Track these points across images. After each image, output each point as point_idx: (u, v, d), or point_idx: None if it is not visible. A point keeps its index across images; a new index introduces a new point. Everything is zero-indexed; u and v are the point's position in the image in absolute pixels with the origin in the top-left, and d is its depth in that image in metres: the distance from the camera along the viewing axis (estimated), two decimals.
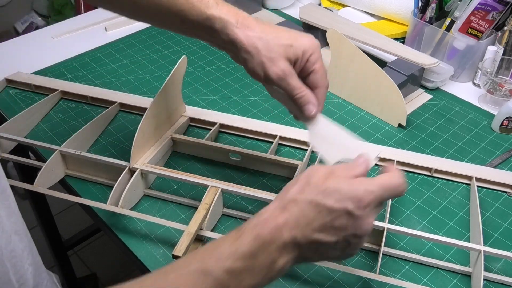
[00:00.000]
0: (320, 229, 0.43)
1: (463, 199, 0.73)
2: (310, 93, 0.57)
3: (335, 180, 0.44)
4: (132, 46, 1.07)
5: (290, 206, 0.43)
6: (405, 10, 1.07)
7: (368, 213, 0.44)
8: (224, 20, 0.55)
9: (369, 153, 0.52)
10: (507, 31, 0.90)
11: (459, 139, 0.83)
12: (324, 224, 0.43)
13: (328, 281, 0.62)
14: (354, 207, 0.43)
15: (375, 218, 0.46)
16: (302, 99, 0.56)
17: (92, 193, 0.73)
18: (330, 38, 0.88)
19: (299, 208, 0.43)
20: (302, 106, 0.57)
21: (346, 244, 0.45)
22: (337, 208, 0.43)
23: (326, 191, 0.43)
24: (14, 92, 0.93)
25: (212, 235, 0.63)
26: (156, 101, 0.71)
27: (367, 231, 0.45)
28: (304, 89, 0.56)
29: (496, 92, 0.89)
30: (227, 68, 1.00)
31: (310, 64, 0.56)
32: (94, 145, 0.81)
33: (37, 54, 1.05)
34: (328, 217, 0.43)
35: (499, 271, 0.63)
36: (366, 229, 0.44)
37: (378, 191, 0.45)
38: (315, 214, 0.43)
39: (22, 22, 2.28)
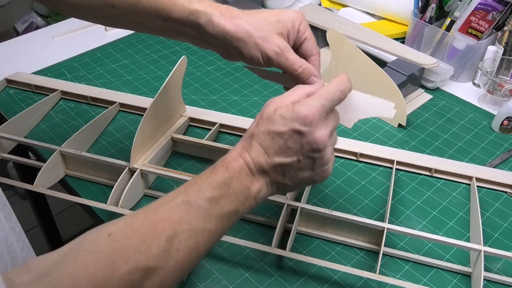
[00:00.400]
0: (278, 152, 0.48)
1: (463, 199, 0.73)
2: (308, 64, 0.56)
3: (282, 109, 0.48)
4: (132, 46, 1.07)
5: (251, 140, 0.49)
6: (405, 10, 1.07)
7: (316, 125, 0.47)
8: (209, 13, 0.55)
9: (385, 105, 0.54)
10: (507, 31, 0.90)
11: (459, 139, 0.83)
12: (280, 147, 0.48)
13: (328, 281, 0.62)
14: (300, 125, 0.47)
15: (332, 129, 0.49)
16: (304, 73, 0.56)
17: (92, 193, 0.73)
18: (330, 38, 0.88)
19: (257, 139, 0.48)
20: (305, 79, 0.56)
21: (310, 161, 0.49)
22: (285, 131, 0.47)
23: (275, 120, 0.48)
24: (14, 92, 0.93)
25: None
26: (156, 101, 0.71)
27: (324, 142, 0.48)
28: (303, 62, 0.56)
29: (496, 92, 0.89)
30: (227, 68, 1.00)
31: (301, 33, 0.56)
32: (94, 145, 0.81)
33: (37, 54, 1.05)
34: (281, 140, 0.47)
35: (499, 271, 0.63)
36: (322, 141, 0.48)
37: (318, 103, 0.48)
38: (270, 141, 0.48)
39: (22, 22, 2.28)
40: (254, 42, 0.55)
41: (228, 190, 0.47)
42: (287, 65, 0.55)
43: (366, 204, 0.72)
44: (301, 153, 0.48)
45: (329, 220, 0.65)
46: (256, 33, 0.54)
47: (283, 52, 0.55)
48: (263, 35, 0.54)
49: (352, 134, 0.84)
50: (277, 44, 0.54)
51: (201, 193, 0.45)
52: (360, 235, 0.65)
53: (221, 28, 0.55)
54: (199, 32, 0.56)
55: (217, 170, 0.48)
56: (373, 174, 0.76)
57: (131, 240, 0.41)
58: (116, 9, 0.57)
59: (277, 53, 0.55)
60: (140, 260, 0.40)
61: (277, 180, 0.49)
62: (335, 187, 0.74)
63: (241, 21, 0.55)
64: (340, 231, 0.66)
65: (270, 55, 0.55)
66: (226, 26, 0.54)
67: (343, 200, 0.72)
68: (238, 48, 0.56)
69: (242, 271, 0.63)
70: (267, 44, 0.54)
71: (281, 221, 0.63)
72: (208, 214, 0.45)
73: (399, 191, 0.74)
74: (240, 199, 0.47)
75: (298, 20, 0.56)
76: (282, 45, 0.55)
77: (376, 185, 0.75)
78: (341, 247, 0.66)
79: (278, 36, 0.55)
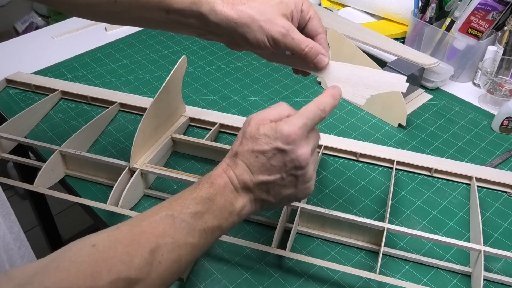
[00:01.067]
0: (261, 170, 0.49)
1: (463, 199, 0.73)
2: (315, 43, 0.56)
3: (265, 127, 0.49)
4: (132, 46, 1.07)
5: (235, 158, 0.50)
6: (405, 10, 1.07)
7: (299, 144, 0.49)
8: (210, 1, 0.54)
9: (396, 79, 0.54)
10: (507, 31, 0.90)
11: (459, 139, 0.83)
12: (263, 165, 0.49)
13: (328, 281, 0.62)
14: (283, 143, 0.48)
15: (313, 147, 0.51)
16: (311, 52, 0.55)
17: (92, 193, 0.73)
18: (330, 38, 0.88)
19: (242, 158, 0.50)
20: (313, 59, 0.56)
21: (293, 178, 0.50)
22: (268, 149, 0.49)
23: (258, 139, 0.49)
24: (14, 92, 0.93)
25: None
26: (156, 101, 0.71)
27: (306, 160, 0.50)
28: (310, 41, 0.55)
29: (496, 92, 0.89)
30: (227, 68, 1.00)
31: (305, 13, 0.56)
32: (94, 145, 0.81)
33: (37, 54, 1.05)
34: (264, 158, 0.49)
35: (499, 271, 0.63)
36: (304, 158, 0.49)
37: (300, 121, 0.49)
38: (254, 159, 0.49)
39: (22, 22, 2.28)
40: (258, 25, 0.54)
41: (212, 205, 0.48)
42: (294, 45, 0.54)
43: (366, 204, 0.72)
44: (284, 170, 0.49)
45: (329, 220, 0.65)
46: (260, 16, 0.54)
47: (289, 32, 0.54)
48: (267, 18, 0.54)
49: (352, 134, 0.84)
50: (282, 25, 0.54)
51: (185, 208, 0.46)
52: (360, 235, 0.65)
53: (224, 16, 0.54)
54: (203, 22, 0.56)
55: (202, 186, 0.49)
56: (373, 174, 0.76)
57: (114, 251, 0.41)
58: (119, 4, 0.57)
59: (283, 34, 0.54)
60: (123, 271, 0.40)
61: (261, 197, 0.51)
62: (335, 187, 0.74)
63: (243, 6, 0.54)
64: (340, 231, 0.66)
65: (276, 36, 0.54)
66: (229, 13, 0.54)
67: (343, 200, 0.72)
68: (243, 34, 0.55)
69: (242, 271, 0.63)
70: (272, 26, 0.54)
71: (281, 221, 0.63)
72: (192, 228, 0.46)
73: (399, 191, 0.74)
74: (224, 215, 0.48)
75: (301, 0, 0.55)
76: (286, 25, 0.54)
77: (376, 185, 0.75)
78: (341, 247, 0.66)
79: (282, 17, 0.54)
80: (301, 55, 0.55)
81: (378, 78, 0.56)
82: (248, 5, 0.54)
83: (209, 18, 0.55)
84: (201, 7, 0.54)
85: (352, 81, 0.57)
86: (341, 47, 0.87)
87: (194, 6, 0.55)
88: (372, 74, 0.56)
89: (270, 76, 0.97)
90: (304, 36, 0.55)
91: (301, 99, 0.92)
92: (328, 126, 0.85)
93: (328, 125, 0.85)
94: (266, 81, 0.96)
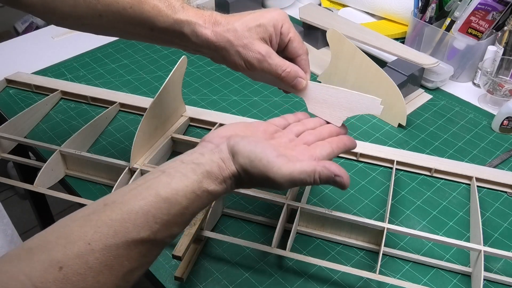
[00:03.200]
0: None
1: (463, 199, 0.73)
2: (293, 66, 0.57)
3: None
4: (132, 46, 1.07)
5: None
6: (405, 10, 1.07)
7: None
8: (192, 22, 0.55)
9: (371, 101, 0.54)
10: (507, 31, 0.90)
11: (459, 139, 0.83)
12: None
13: (328, 281, 0.62)
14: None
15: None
16: (289, 76, 0.56)
17: (92, 193, 0.73)
18: (330, 38, 0.88)
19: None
20: (290, 82, 0.57)
21: None
22: None
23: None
24: (14, 92, 0.93)
25: (212, 235, 0.63)
26: (156, 101, 0.71)
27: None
28: (287, 65, 0.56)
29: (496, 92, 0.89)
30: (227, 68, 0.99)
31: (284, 35, 0.56)
32: (94, 145, 0.81)
33: (37, 54, 1.05)
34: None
35: (499, 271, 0.63)
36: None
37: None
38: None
39: (22, 22, 2.28)
40: (235, 50, 0.55)
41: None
42: (270, 70, 0.56)
43: (366, 204, 0.72)
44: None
45: (329, 220, 0.65)
46: (237, 41, 0.54)
47: (265, 58, 0.55)
48: (244, 43, 0.54)
49: (352, 134, 0.84)
50: (258, 51, 0.55)
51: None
52: (360, 235, 0.65)
53: (204, 38, 0.55)
54: (185, 41, 0.57)
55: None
56: (373, 174, 0.76)
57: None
58: (104, 18, 0.57)
59: (259, 60, 0.55)
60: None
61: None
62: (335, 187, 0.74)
63: (222, 29, 0.55)
64: (340, 231, 0.66)
65: (252, 62, 0.55)
66: (208, 36, 0.55)
67: (343, 200, 0.72)
68: (222, 56, 0.56)
69: (242, 271, 0.63)
70: (249, 52, 0.55)
71: (281, 221, 0.63)
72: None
73: (399, 191, 0.74)
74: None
75: (280, 22, 0.56)
76: (264, 51, 0.55)
77: (376, 185, 0.75)
78: (341, 247, 0.66)
79: (259, 42, 0.55)
80: (279, 79, 0.56)
81: (354, 100, 0.56)
82: (227, 28, 0.55)
83: (191, 39, 0.56)
84: (183, 27, 0.55)
85: (328, 102, 0.57)
86: (341, 47, 0.87)
87: (176, 26, 0.55)
88: (347, 95, 0.56)
89: None
90: (282, 59, 0.56)
91: (301, 99, 0.91)
92: None
93: None
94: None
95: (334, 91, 0.57)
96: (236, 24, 0.55)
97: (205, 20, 0.55)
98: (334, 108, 0.57)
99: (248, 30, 0.55)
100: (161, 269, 0.63)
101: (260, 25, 0.55)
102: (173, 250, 0.58)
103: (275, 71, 0.56)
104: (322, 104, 0.58)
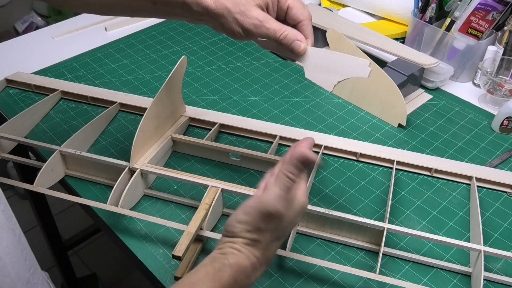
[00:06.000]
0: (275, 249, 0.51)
1: (463, 199, 0.73)
2: (292, 30, 0.57)
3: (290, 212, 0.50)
4: (132, 46, 1.07)
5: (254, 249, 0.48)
6: (405, 10, 1.07)
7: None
8: None
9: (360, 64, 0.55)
10: (507, 31, 0.90)
11: (459, 139, 0.83)
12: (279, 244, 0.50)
13: (328, 281, 0.62)
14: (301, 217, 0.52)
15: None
16: (286, 39, 0.57)
17: (92, 193, 0.73)
18: (330, 38, 0.88)
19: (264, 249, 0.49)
20: (289, 45, 0.57)
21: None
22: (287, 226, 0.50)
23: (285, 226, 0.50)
24: (14, 92, 0.93)
25: (212, 235, 0.63)
26: (156, 101, 0.71)
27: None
28: (285, 29, 0.57)
29: (496, 92, 0.89)
30: (227, 68, 1.00)
31: (282, 3, 0.57)
32: (94, 145, 0.81)
33: (37, 54, 1.05)
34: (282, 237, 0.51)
35: (499, 271, 0.63)
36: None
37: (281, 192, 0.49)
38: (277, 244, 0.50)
39: (22, 22, 2.27)
40: (233, 17, 0.56)
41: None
42: (268, 34, 0.56)
43: (366, 204, 0.72)
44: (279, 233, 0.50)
45: (329, 220, 0.65)
46: (235, 8, 0.56)
47: (263, 23, 0.56)
48: (241, 10, 0.55)
49: (352, 134, 0.84)
50: (256, 17, 0.56)
51: None
52: (360, 235, 0.65)
53: (205, 5, 0.56)
54: (187, 11, 0.58)
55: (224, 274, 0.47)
56: (373, 174, 0.76)
57: None
58: None
59: (256, 26, 0.56)
60: None
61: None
62: (335, 187, 0.74)
63: None
64: (340, 231, 0.66)
65: (250, 28, 0.56)
66: (208, 3, 0.56)
67: (343, 200, 0.72)
68: (220, 24, 0.57)
69: None
70: (246, 19, 0.56)
71: None
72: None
73: (399, 191, 0.74)
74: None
75: None
76: (261, 17, 0.56)
77: (376, 185, 0.75)
78: (341, 247, 0.66)
79: (256, 8, 0.56)
80: (277, 43, 0.57)
81: (346, 63, 0.57)
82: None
83: (192, 8, 0.57)
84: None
85: (325, 66, 0.58)
86: (341, 47, 0.87)
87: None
88: (341, 59, 0.57)
89: (270, 76, 0.97)
90: (279, 23, 0.57)
91: (301, 99, 0.92)
92: (328, 126, 0.85)
93: (328, 125, 0.85)
94: (266, 81, 0.96)
95: (330, 55, 0.57)
96: None
97: None
98: (329, 73, 0.58)
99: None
100: (161, 269, 0.63)
101: None
102: (173, 250, 0.58)
103: (273, 35, 0.56)
104: (319, 69, 0.58)
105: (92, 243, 1.72)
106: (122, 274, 1.65)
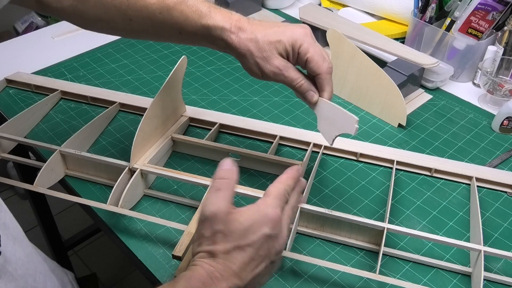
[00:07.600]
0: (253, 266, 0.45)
1: (463, 199, 0.73)
2: (307, 82, 0.59)
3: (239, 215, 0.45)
4: (132, 46, 1.07)
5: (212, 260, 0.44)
6: (405, 10, 1.07)
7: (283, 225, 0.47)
8: (219, 27, 0.58)
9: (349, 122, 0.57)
10: (507, 31, 0.90)
11: (459, 139, 0.83)
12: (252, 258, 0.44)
13: (328, 281, 0.62)
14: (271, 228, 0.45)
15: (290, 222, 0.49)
16: (301, 88, 0.59)
17: (92, 193, 0.73)
18: (330, 38, 0.88)
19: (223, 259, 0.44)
20: (303, 94, 0.60)
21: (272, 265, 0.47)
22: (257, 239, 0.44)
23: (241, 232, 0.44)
24: (14, 92, 0.93)
25: None
26: (156, 101, 0.71)
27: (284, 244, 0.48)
28: (300, 79, 0.59)
29: (496, 92, 0.89)
30: (227, 68, 1.00)
31: (302, 55, 0.58)
32: (94, 145, 0.81)
33: (37, 54, 1.05)
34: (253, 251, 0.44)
35: (499, 271, 0.63)
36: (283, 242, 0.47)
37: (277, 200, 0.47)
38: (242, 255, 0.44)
39: (22, 22, 2.27)
40: (254, 61, 0.58)
41: None
42: (285, 82, 0.59)
43: (366, 204, 0.72)
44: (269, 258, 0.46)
45: (329, 220, 0.65)
46: (258, 53, 0.58)
47: (282, 72, 0.58)
48: (264, 56, 0.58)
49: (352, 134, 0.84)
50: (277, 66, 0.58)
51: None
52: (360, 235, 0.65)
53: (229, 43, 0.58)
54: (213, 44, 0.60)
55: None
56: (373, 174, 0.76)
57: None
58: (134, 22, 0.61)
59: (275, 74, 0.58)
60: None
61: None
62: (335, 187, 0.74)
63: (246, 36, 0.58)
64: (340, 231, 0.66)
65: (269, 74, 0.58)
66: (233, 40, 0.58)
67: (343, 200, 0.72)
68: (241, 61, 0.60)
69: None
70: (267, 65, 0.58)
71: None
72: None
73: (399, 191, 0.74)
74: None
75: (299, 42, 0.57)
76: (281, 65, 0.58)
77: (376, 185, 0.75)
78: (341, 247, 0.66)
79: (278, 57, 0.58)
80: (293, 90, 0.60)
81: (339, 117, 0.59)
82: (250, 36, 0.58)
83: (218, 41, 0.59)
84: (210, 31, 0.59)
85: (329, 119, 0.60)
86: (341, 47, 0.87)
87: (204, 30, 0.59)
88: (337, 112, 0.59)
89: None
90: (297, 72, 0.59)
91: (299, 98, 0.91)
92: None
93: None
94: (266, 81, 0.96)
95: (332, 108, 0.59)
96: (259, 35, 0.58)
97: (232, 24, 0.58)
98: (330, 126, 0.60)
99: (268, 43, 0.57)
100: (161, 269, 0.63)
101: (280, 41, 0.57)
102: (173, 250, 0.58)
103: (289, 83, 0.59)
104: (326, 122, 0.61)
105: (92, 243, 1.72)
106: (122, 274, 1.66)
